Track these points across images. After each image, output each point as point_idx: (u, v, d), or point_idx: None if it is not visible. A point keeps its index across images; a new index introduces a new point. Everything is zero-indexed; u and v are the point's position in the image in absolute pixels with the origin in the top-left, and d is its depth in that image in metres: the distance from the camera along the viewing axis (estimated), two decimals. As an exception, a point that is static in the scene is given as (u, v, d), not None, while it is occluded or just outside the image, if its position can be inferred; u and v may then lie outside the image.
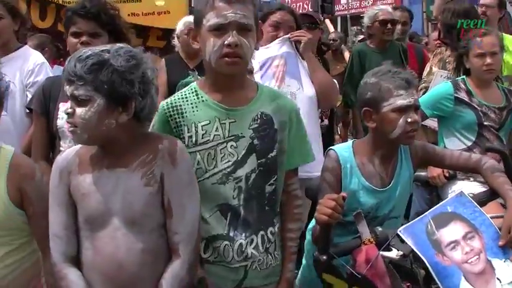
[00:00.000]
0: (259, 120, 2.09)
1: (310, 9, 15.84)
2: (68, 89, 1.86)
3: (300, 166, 2.28)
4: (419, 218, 2.07)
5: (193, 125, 2.06)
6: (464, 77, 3.56)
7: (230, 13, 1.98)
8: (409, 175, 2.41)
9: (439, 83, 3.88)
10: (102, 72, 1.82)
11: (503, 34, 5.01)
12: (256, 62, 3.31)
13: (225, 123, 2.06)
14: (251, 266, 2.11)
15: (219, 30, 1.99)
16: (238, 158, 2.07)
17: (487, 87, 3.52)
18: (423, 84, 4.24)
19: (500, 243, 2.05)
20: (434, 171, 3.48)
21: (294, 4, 20.60)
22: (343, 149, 2.38)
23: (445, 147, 3.53)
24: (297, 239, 2.24)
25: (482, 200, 2.21)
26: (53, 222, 1.97)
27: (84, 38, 2.66)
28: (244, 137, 2.07)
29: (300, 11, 19.20)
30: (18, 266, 2.11)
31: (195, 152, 2.06)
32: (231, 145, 2.07)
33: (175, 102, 2.10)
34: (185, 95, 2.12)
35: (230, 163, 2.06)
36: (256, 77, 3.25)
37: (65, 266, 1.94)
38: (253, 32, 2.05)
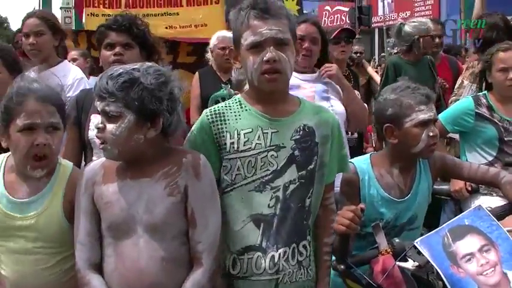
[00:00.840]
0: (301, 132, 2.13)
1: (348, 21, 15.96)
2: (99, 105, 1.97)
3: None
4: (436, 230, 2.12)
5: (235, 132, 2.10)
6: (486, 92, 3.59)
7: (265, 30, 2.03)
8: (427, 186, 2.47)
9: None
10: (133, 90, 1.93)
11: None
12: None
13: (267, 133, 2.10)
14: (282, 279, 2.11)
15: (257, 47, 2.04)
16: (278, 168, 2.09)
17: (509, 102, 3.52)
18: (453, 97, 4.26)
19: None
20: (457, 185, 3.51)
21: (333, 16, 20.81)
22: (362, 161, 2.46)
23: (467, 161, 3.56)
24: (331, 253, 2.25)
25: (500, 213, 2.26)
26: (77, 230, 2.05)
27: (117, 49, 2.79)
28: (285, 147, 2.10)
29: (338, 23, 19.32)
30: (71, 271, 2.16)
31: (236, 158, 2.10)
32: (272, 154, 2.09)
33: (218, 110, 2.14)
34: (229, 104, 2.17)
35: (269, 172, 2.09)
36: None
37: (88, 272, 2.01)
38: (290, 46, 2.09)
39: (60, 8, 39.44)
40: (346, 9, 15.42)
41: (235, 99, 2.19)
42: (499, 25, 4.34)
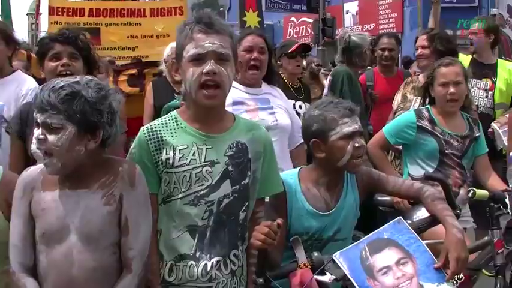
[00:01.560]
0: (234, 148, 2.20)
1: (312, 33, 16.12)
2: (39, 117, 1.99)
3: None
4: (355, 243, 2.15)
5: (171, 148, 2.16)
6: (429, 106, 3.66)
7: (208, 43, 2.09)
8: (354, 200, 2.49)
9: None
10: (75, 103, 1.97)
11: (499, 60, 5.13)
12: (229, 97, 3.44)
13: (202, 149, 2.16)
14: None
15: (198, 60, 2.10)
16: (213, 183, 2.16)
17: (450, 115, 3.60)
18: (400, 112, 4.32)
19: (436, 265, 2.12)
20: (399, 196, 3.56)
21: (298, 27, 20.98)
22: (289, 175, 2.48)
23: (409, 174, 3.61)
24: None
25: (421, 227, 2.29)
26: (12, 232, 2.10)
27: (64, 60, 2.80)
28: (219, 163, 2.17)
29: (303, 34, 19.49)
30: None
31: (173, 173, 2.16)
32: (207, 170, 2.16)
33: (155, 128, 2.20)
34: (165, 121, 2.22)
35: (204, 186, 2.15)
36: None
37: (23, 275, 2.05)
38: (231, 62, 2.16)
39: (27, 14, 38.99)
40: (311, 20, 15.55)
41: (171, 116, 2.24)
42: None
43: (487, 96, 4.91)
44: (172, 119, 2.23)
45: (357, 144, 2.36)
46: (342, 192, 2.47)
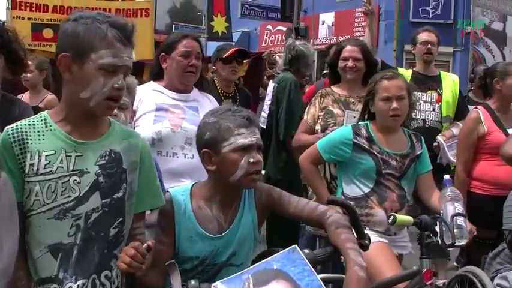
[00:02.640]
0: (107, 157, 1.99)
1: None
2: None
3: None
4: (240, 273, 1.88)
5: (37, 153, 1.93)
6: (367, 121, 3.40)
7: (126, 56, 1.93)
8: (251, 221, 2.22)
9: (352, 123, 3.70)
10: None
11: (442, 72, 4.91)
12: (152, 102, 3.19)
13: (70, 156, 1.94)
14: None
15: (110, 71, 1.91)
16: (80, 194, 1.94)
17: (391, 132, 3.35)
18: (332, 128, 3.95)
19: None
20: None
21: (274, 35, 20.83)
22: (181, 191, 2.21)
23: (342, 193, 3.35)
24: None
25: (320, 258, 2.00)
26: None
27: None
28: (89, 172, 1.95)
29: (279, 42, 19.30)
30: None
31: (35, 182, 1.92)
32: (74, 180, 1.94)
33: (20, 128, 1.95)
34: (33, 122, 1.98)
35: (70, 198, 1.93)
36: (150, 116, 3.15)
37: None
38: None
39: None
40: (285, 29, 15.38)
41: (41, 116, 2.00)
42: None
43: (434, 109, 4.63)
44: (41, 120, 1.98)
45: (252, 160, 2.09)
46: (237, 212, 2.19)
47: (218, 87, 4.29)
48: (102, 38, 1.89)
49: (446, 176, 3.08)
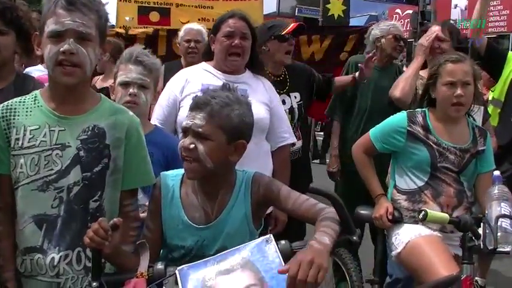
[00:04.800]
0: (89, 132, 2.05)
1: (410, 27, 15.19)
2: None
3: None
4: (205, 259, 1.83)
5: (22, 128, 2.04)
6: (426, 109, 3.13)
7: (68, 20, 1.96)
8: (244, 214, 2.08)
9: None
10: None
11: None
12: (199, 81, 3.16)
13: (54, 131, 2.03)
14: (64, 284, 2.04)
15: (57, 37, 1.97)
16: (62, 168, 2.02)
17: (452, 122, 3.06)
18: None
19: (280, 269, 1.72)
20: (378, 211, 3.09)
21: (403, 20, 19.95)
22: (171, 175, 2.14)
23: (395, 186, 3.14)
24: None
25: (297, 249, 1.87)
26: None
27: None
28: (70, 147, 2.03)
29: (407, 28, 18.48)
30: None
31: (20, 155, 2.02)
32: (56, 153, 2.02)
33: (11, 105, 2.08)
34: (24, 99, 2.10)
35: (53, 171, 2.02)
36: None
37: None
38: (94, 43, 2.02)
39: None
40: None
41: (33, 95, 2.11)
42: None
43: None
44: (32, 98, 2.10)
45: (181, 143, 2.01)
46: (227, 204, 2.07)
47: (266, 70, 3.67)
48: (49, 9, 1.98)
49: (496, 172, 2.74)
